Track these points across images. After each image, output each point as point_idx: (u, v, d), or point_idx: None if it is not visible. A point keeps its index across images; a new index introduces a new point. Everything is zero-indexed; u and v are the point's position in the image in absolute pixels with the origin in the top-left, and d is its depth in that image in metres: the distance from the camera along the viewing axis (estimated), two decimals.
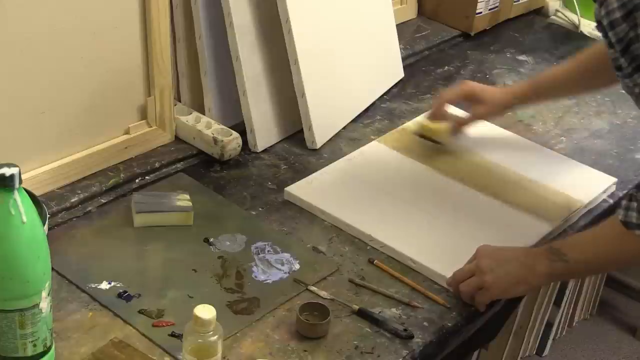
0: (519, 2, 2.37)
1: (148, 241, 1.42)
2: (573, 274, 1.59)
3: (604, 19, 1.19)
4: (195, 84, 1.70)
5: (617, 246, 1.32)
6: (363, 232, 1.48)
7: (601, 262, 1.37)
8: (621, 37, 1.18)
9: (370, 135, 1.78)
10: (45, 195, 1.46)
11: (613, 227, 1.31)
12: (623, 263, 1.41)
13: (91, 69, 1.49)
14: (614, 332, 2.61)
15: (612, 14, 1.17)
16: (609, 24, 1.18)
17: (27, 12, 1.36)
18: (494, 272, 1.33)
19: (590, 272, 2.02)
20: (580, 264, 1.34)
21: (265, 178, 1.62)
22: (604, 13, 1.19)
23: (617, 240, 1.30)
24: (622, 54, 1.20)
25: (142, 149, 1.61)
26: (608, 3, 1.18)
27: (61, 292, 1.29)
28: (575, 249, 1.34)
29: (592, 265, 1.38)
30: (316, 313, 1.29)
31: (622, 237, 1.29)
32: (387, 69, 1.98)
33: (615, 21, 1.17)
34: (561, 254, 1.33)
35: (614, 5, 1.17)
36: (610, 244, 1.32)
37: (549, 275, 1.36)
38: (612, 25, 1.18)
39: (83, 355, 1.19)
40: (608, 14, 1.18)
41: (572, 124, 1.92)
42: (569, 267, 1.33)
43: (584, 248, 1.34)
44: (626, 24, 1.16)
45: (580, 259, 1.33)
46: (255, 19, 1.65)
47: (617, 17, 1.17)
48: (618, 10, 1.17)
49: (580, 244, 1.35)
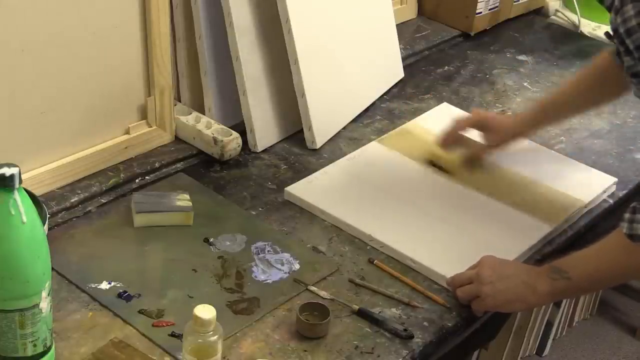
0: (519, 2, 2.37)
1: (148, 241, 1.42)
2: (576, 291, 1.57)
3: (621, 26, 1.19)
4: (195, 84, 1.70)
5: (623, 260, 1.30)
6: (363, 232, 1.48)
7: (605, 277, 1.35)
8: (638, 44, 1.18)
9: (370, 135, 1.78)
10: (45, 195, 1.46)
11: (617, 241, 1.29)
12: (629, 277, 1.39)
13: (91, 69, 1.49)
14: (614, 332, 2.61)
15: (629, 22, 1.18)
16: (625, 31, 1.19)
17: (27, 13, 1.36)
18: (493, 285, 1.33)
19: (593, 289, 2.00)
20: (583, 280, 1.33)
21: (265, 178, 1.62)
22: (620, 21, 1.19)
23: (623, 254, 1.29)
24: None
25: (142, 149, 1.61)
26: (624, 11, 1.19)
27: (61, 292, 1.29)
28: (578, 265, 1.33)
29: (595, 280, 1.36)
30: (316, 313, 1.29)
31: (627, 250, 1.27)
32: (387, 69, 1.98)
33: (632, 28, 1.18)
34: (562, 272, 1.32)
35: (630, 13, 1.17)
36: (615, 259, 1.31)
37: (551, 295, 1.34)
38: (629, 32, 1.19)
39: (83, 355, 1.19)
40: (625, 22, 1.18)
41: (572, 124, 1.91)
42: (571, 284, 1.32)
43: (587, 264, 1.33)
44: None
45: (583, 275, 1.32)
46: (255, 19, 1.65)
47: (634, 24, 1.17)
48: (635, 17, 1.17)
49: (582, 261, 1.33)
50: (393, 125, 1.82)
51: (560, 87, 1.79)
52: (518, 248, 1.47)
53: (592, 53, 2.24)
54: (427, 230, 1.50)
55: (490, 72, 2.12)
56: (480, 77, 2.09)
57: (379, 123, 1.84)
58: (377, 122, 1.85)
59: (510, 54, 2.22)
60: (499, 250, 1.41)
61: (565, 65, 2.19)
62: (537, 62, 2.19)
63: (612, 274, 1.34)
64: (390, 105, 1.92)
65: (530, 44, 2.29)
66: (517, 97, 2.02)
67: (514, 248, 1.47)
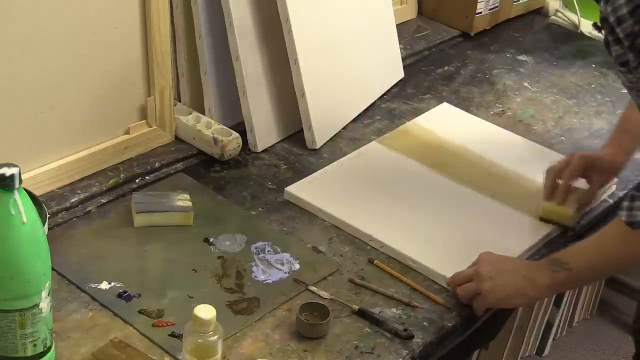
0: (519, 2, 2.37)
1: (148, 241, 1.42)
2: (577, 281, 1.56)
3: (611, 15, 1.20)
4: (195, 84, 1.70)
5: (622, 248, 1.31)
6: (363, 232, 1.48)
7: (605, 265, 1.35)
8: (628, 32, 1.19)
9: (370, 135, 1.78)
10: (45, 195, 1.46)
11: (617, 229, 1.29)
12: (629, 264, 1.39)
13: (91, 69, 1.49)
14: (614, 332, 2.61)
15: (619, 10, 1.18)
16: (616, 19, 1.19)
17: (27, 12, 1.36)
18: (492, 281, 1.33)
19: (594, 278, 2.00)
20: (584, 270, 1.33)
21: (265, 178, 1.62)
22: (611, 10, 1.19)
23: (622, 241, 1.29)
24: (629, 49, 1.20)
25: (142, 149, 1.61)
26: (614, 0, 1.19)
27: (61, 292, 1.29)
28: (578, 256, 1.33)
29: (596, 269, 1.36)
30: (316, 313, 1.29)
31: (627, 237, 1.28)
32: (387, 69, 1.98)
33: (623, 17, 1.18)
34: (563, 263, 1.32)
35: (620, 2, 1.18)
36: (615, 247, 1.31)
37: (551, 287, 1.35)
38: (619, 21, 1.19)
39: (83, 355, 1.19)
40: (615, 10, 1.19)
41: (572, 124, 1.92)
42: (572, 275, 1.32)
43: (587, 254, 1.33)
44: (632, 18, 1.17)
45: (584, 265, 1.32)
46: (255, 19, 1.65)
47: (624, 12, 1.18)
48: (625, 5, 1.18)
49: (582, 251, 1.34)
50: (393, 125, 1.82)
51: (625, 112, 1.66)
52: (518, 248, 1.47)
53: (592, 53, 2.25)
54: (427, 230, 1.50)
55: (490, 72, 2.12)
56: (480, 77, 2.09)
57: (379, 123, 1.84)
58: (377, 122, 1.84)
59: (510, 54, 2.22)
60: (500, 250, 1.41)
61: (565, 65, 2.19)
62: (537, 62, 2.19)
63: (613, 262, 1.34)
64: (390, 105, 1.92)
65: (530, 44, 2.29)
66: (517, 97, 2.01)
67: (514, 248, 1.47)
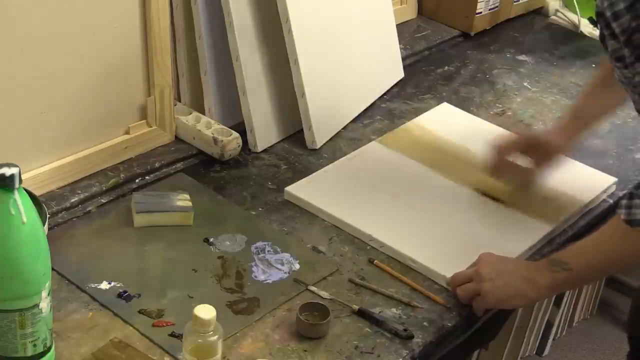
0: (519, 2, 2.37)
1: (148, 241, 1.42)
2: (577, 281, 1.56)
3: (607, 10, 1.20)
4: (195, 84, 1.70)
5: (622, 246, 1.31)
6: (363, 232, 1.48)
7: (606, 264, 1.35)
8: (625, 28, 1.19)
9: (370, 135, 1.78)
10: (45, 195, 1.46)
11: (616, 228, 1.30)
12: (629, 262, 1.39)
13: (91, 69, 1.49)
14: (614, 332, 2.61)
15: (616, 5, 1.18)
16: (612, 14, 1.19)
17: (27, 12, 1.36)
18: (492, 282, 1.33)
19: (594, 277, 2.00)
20: (584, 269, 1.33)
21: (265, 178, 1.62)
22: (607, 5, 1.20)
23: (622, 240, 1.30)
24: (625, 44, 1.21)
25: (142, 149, 1.61)
26: None
27: (61, 292, 1.29)
28: (578, 255, 1.33)
29: (596, 269, 1.36)
30: (316, 313, 1.29)
31: (626, 236, 1.28)
32: (387, 69, 1.98)
33: (620, 12, 1.19)
34: (563, 263, 1.32)
35: None
36: (615, 245, 1.31)
37: (552, 287, 1.35)
38: (616, 16, 1.19)
39: (83, 355, 1.19)
40: (612, 5, 1.19)
41: None
42: (572, 275, 1.32)
43: (587, 253, 1.33)
44: (629, 14, 1.17)
45: (584, 264, 1.32)
46: (255, 19, 1.65)
47: (621, 7, 1.18)
48: (622, 1, 1.17)
49: (582, 250, 1.34)
50: (393, 125, 1.82)
51: (582, 90, 1.73)
52: (518, 248, 1.47)
53: (592, 53, 2.24)
54: (427, 231, 1.50)
55: (490, 72, 2.12)
56: (480, 77, 2.09)
57: (379, 123, 1.84)
58: (377, 122, 1.84)
59: (510, 54, 2.22)
60: (499, 250, 1.41)
61: (565, 65, 2.19)
62: (537, 62, 2.19)
63: (613, 260, 1.34)
64: (390, 105, 1.92)
65: (530, 44, 2.29)
66: (517, 97, 2.01)
67: (514, 248, 1.47)
